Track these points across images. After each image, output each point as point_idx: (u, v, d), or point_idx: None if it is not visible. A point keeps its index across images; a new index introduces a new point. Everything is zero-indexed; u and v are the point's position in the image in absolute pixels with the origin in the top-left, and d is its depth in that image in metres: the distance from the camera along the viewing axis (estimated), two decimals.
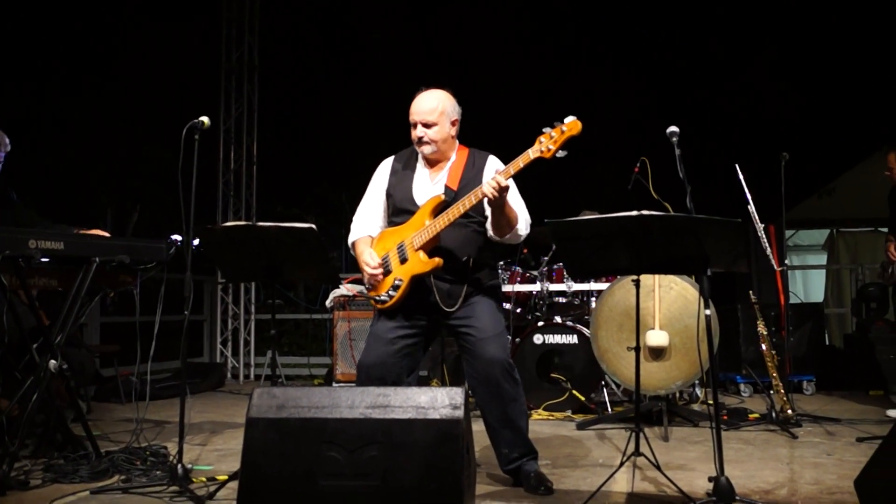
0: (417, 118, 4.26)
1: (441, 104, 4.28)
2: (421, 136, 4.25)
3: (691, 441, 5.76)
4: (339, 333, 8.39)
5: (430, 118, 4.24)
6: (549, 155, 3.82)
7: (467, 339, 4.22)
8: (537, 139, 3.86)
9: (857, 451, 5.27)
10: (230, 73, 11.20)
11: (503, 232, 4.18)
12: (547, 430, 6.30)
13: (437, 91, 4.33)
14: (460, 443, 3.12)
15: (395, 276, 4.16)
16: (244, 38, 11.22)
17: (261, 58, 11.34)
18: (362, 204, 4.51)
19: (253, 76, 11.25)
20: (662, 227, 3.75)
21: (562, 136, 3.80)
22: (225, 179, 11.09)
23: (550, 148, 3.81)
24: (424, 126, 4.24)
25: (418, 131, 4.25)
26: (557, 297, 7.59)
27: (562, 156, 3.82)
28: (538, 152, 3.84)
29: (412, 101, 4.32)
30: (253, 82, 11.26)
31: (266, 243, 4.39)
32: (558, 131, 3.81)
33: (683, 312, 6.15)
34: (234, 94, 11.20)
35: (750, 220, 6.60)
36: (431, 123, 4.24)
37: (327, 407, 3.18)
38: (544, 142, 3.83)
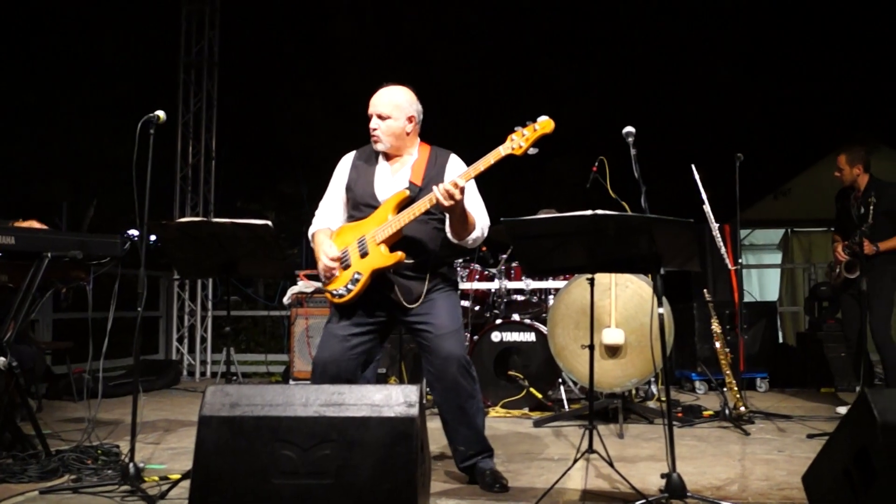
0: (373, 110, 4.27)
1: (398, 99, 4.29)
2: (375, 127, 4.26)
3: (646, 438, 5.81)
4: (296, 330, 8.36)
5: (385, 111, 4.25)
6: (521, 152, 3.84)
7: (425, 336, 4.22)
8: (508, 136, 3.87)
9: (808, 447, 5.35)
10: (189, 66, 11.11)
11: (460, 236, 4.19)
12: (504, 427, 6.32)
13: (398, 87, 4.34)
14: (415, 441, 3.11)
15: (355, 270, 4.14)
16: (204, 31, 11.13)
17: (221, 52, 11.25)
18: (324, 198, 4.50)
19: (213, 70, 11.16)
20: (617, 227, 3.78)
21: (534, 134, 3.82)
22: (183, 174, 11.00)
23: (522, 145, 3.83)
24: (379, 118, 4.25)
25: (372, 123, 4.26)
26: (515, 295, 7.62)
27: (533, 153, 3.85)
28: (509, 149, 3.86)
29: None
30: (213, 76, 11.17)
31: (221, 240, 4.36)
32: (531, 129, 3.83)
33: (639, 311, 6.20)
34: (194, 88, 11.11)
35: (705, 220, 6.67)
36: (386, 116, 4.25)
37: (281, 405, 3.16)
38: (516, 139, 3.85)
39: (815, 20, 14.27)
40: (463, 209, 4.02)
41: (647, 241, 3.77)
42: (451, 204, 3.89)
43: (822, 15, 14.26)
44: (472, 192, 4.25)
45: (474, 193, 4.29)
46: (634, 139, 4.61)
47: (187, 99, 11.11)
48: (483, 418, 4.36)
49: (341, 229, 4.33)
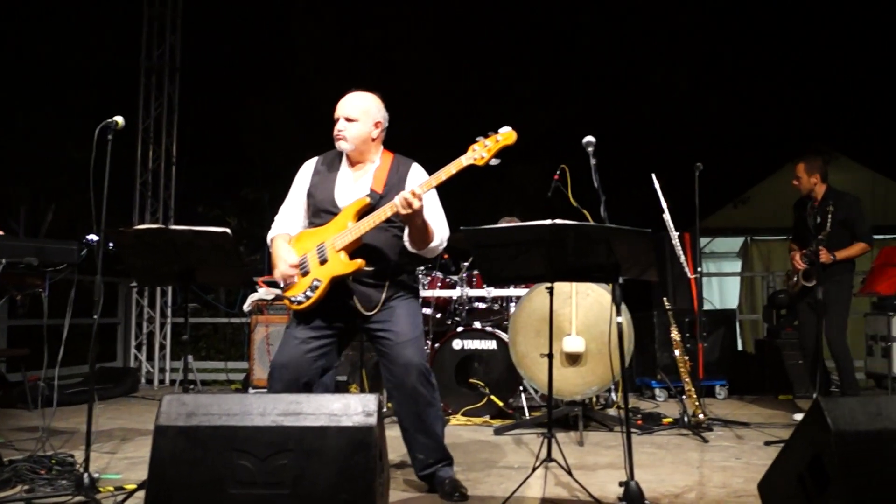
0: (340, 112, 4.27)
1: (367, 104, 4.31)
2: (341, 129, 4.25)
3: (605, 445, 5.84)
4: (256, 338, 8.30)
5: (352, 114, 4.26)
6: (483, 163, 3.85)
7: (384, 343, 4.22)
8: (470, 147, 3.88)
9: (765, 454, 5.40)
10: (150, 71, 11.03)
11: (418, 246, 4.19)
12: (465, 435, 6.32)
13: (366, 93, 4.36)
14: (373, 450, 3.11)
15: (314, 277, 4.12)
16: (165, 36, 11.05)
17: (183, 56, 11.18)
18: (284, 203, 4.49)
19: (174, 75, 11.09)
20: (576, 236, 3.81)
21: (496, 145, 3.84)
22: (143, 180, 10.91)
23: (484, 156, 3.84)
24: (346, 120, 4.25)
25: (339, 125, 4.26)
26: (477, 303, 7.63)
27: (495, 164, 3.86)
28: (471, 160, 3.87)
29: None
30: (174, 81, 11.09)
31: (179, 247, 4.32)
32: (493, 140, 3.84)
33: (599, 319, 6.23)
34: (154, 92, 11.03)
35: (665, 229, 6.72)
36: (353, 119, 4.25)
37: (238, 414, 3.14)
38: (478, 149, 3.86)
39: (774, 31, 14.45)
40: (423, 219, 4.02)
41: (605, 250, 3.79)
42: (410, 213, 3.89)
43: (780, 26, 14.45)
44: (432, 202, 4.25)
45: (435, 203, 4.29)
46: (594, 149, 4.63)
47: (148, 103, 11.03)
48: (442, 426, 4.36)
49: (300, 235, 4.31)
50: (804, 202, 7.00)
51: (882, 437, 3.04)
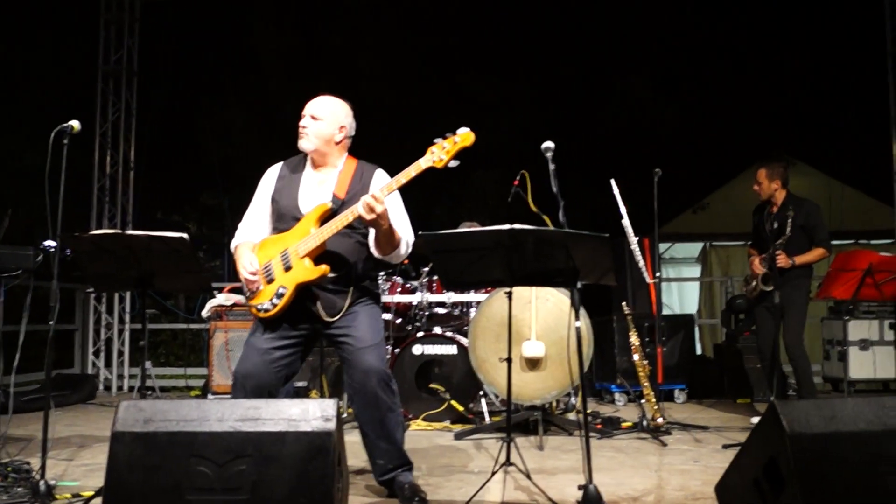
0: (306, 111, 4.28)
1: (334, 107, 4.32)
2: (304, 125, 4.25)
3: (565, 450, 5.87)
4: (215, 344, 8.24)
5: (318, 113, 4.27)
6: (442, 165, 3.85)
7: (346, 349, 4.21)
8: (429, 149, 3.88)
9: (722, 457, 5.44)
10: (108, 75, 10.92)
11: (384, 250, 4.19)
12: (425, 440, 6.33)
13: (337, 98, 4.37)
14: (332, 455, 3.11)
15: (280, 285, 4.10)
16: (123, 40, 10.95)
17: (141, 61, 11.09)
18: (248, 209, 4.46)
19: (132, 80, 10.99)
20: (534, 241, 3.84)
21: (455, 147, 3.84)
22: (100, 185, 10.80)
23: (443, 158, 3.85)
24: (311, 118, 4.26)
25: (303, 121, 4.26)
26: (437, 308, 7.64)
27: (454, 166, 3.87)
28: (430, 162, 3.87)
29: None
30: (131, 86, 11.00)
31: (137, 252, 4.30)
32: (451, 141, 3.84)
33: (559, 323, 6.27)
34: (112, 97, 10.92)
35: (624, 234, 6.78)
36: (318, 118, 4.26)
37: (196, 420, 3.12)
38: (436, 151, 3.86)
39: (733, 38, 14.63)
40: (389, 224, 4.02)
41: (564, 255, 3.82)
42: (373, 217, 3.89)
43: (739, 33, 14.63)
44: (396, 206, 4.26)
45: (399, 208, 4.29)
46: (553, 154, 4.66)
47: (105, 108, 10.92)
48: (403, 432, 4.35)
49: (264, 242, 4.29)
50: (763, 207, 7.08)
51: (836, 440, 3.08)
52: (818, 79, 13.97)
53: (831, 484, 3.03)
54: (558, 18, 14.09)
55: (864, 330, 9.11)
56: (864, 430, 3.13)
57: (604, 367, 8.88)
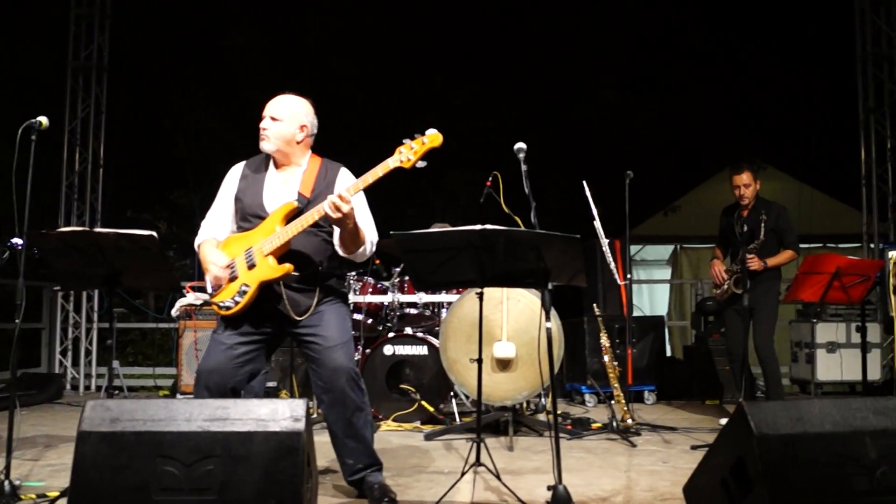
0: (266, 112, 4.27)
1: (293, 106, 4.30)
2: (265, 127, 4.24)
3: (535, 450, 5.89)
4: (184, 343, 8.19)
5: (277, 114, 4.25)
6: (409, 165, 3.85)
7: (313, 348, 4.19)
8: (397, 149, 3.88)
9: (691, 458, 5.48)
10: (77, 71, 10.82)
11: (349, 249, 4.18)
12: (395, 440, 6.33)
13: (296, 96, 4.35)
14: (301, 455, 3.09)
15: (242, 282, 4.08)
16: (94, 36, 10.85)
17: (111, 57, 10.99)
18: (211, 208, 4.44)
19: (102, 76, 10.90)
20: (506, 242, 3.85)
21: (423, 147, 3.84)
22: (69, 182, 10.69)
23: (410, 158, 3.84)
24: (271, 119, 4.24)
25: (263, 123, 4.25)
26: (408, 308, 7.63)
27: (422, 166, 3.87)
28: (398, 162, 3.87)
29: None
30: (102, 82, 10.91)
31: (105, 250, 4.26)
32: (419, 142, 3.84)
33: (530, 324, 6.28)
34: (82, 93, 10.82)
35: (596, 236, 6.81)
36: (277, 118, 4.24)
37: (164, 420, 3.10)
38: (404, 152, 3.86)
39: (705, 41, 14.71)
40: (354, 223, 4.01)
41: (535, 256, 3.84)
42: (340, 216, 3.88)
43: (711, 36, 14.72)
44: (361, 205, 4.25)
45: (363, 207, 4.29)
46: (526, 155, 4.67)
47: (75, 104, 10.82)
48: (372, 431, 4.35)
49: (228, 240, 4.28)
50: (733, 210, 7.11)
51: (803, 441, 3.11)
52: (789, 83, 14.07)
53: (798, 484, 3.06)
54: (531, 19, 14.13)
55: (832, 332, 9.20)
56: (831, 431, 3.16)
57: (574, 368, 8.91)
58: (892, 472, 3.12)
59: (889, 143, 10.67)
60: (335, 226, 4.05)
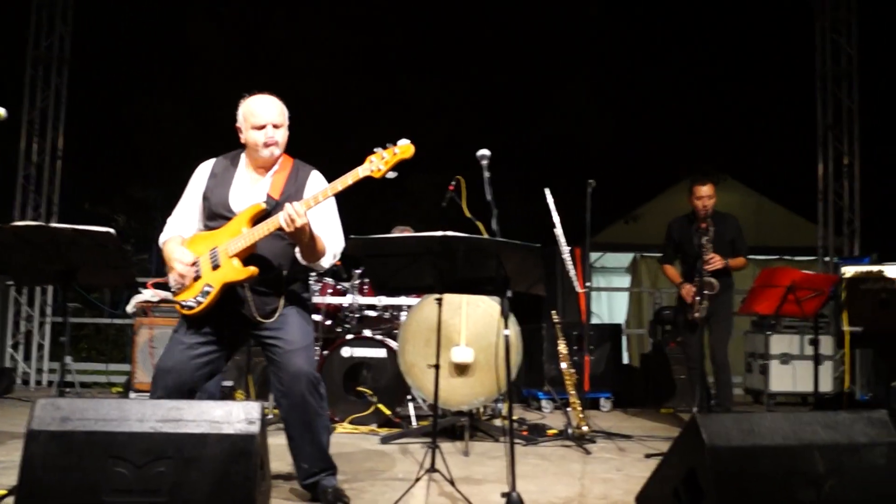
0: (267, 118, 4.18)
1: (284, 109, 4.27)
2: (272, 135, 4.17)
3: (491, 456, 5.88)
4: (139, 340, 8.06)
5: (279, 120, 4.21)
6: (380, 175, 3.83)
7: (274, 351, 4.16)
8: (367, 158, 3.85)
9: (645, 466, 5.50)
10: (38, 61, 10.69)
11: (308, 259, 4.16)
12: (351, 443, 6.29)
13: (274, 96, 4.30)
14: (254, 458, 3.07)
15: (205, 282, 4.04)
16: (55, 26, 10.73)
17: (73, 48, 10.87)
18: (178, 206, 4.38)
19: (62, 67, 10.78)
20: (466, 249, 3.85)
21: (394, 158, 3.82)
22: (26, 174, 10.56)
23: (381, 168, 3.82)
24: (275, 127, 4.19)
25: (269, 132, 4.17)
26: (368, 311, 7.61)
27: (392, 177, 3.85)
28: (368, 171, 3.84)
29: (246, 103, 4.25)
30: (62, 73, 10.78)
31: (61, 246, 4.20)
32: (391, 152, 3.82)
33: (489, 330, 6.29)
34: (41, 84, 10.69)
35: (557, 243, 6.83)
36: (280, 125, 4.21)
37: (116, 420, 3.06)
38: (375, 161, 3.84)
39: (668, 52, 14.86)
40: (309, 235, 3.98)
41: (495, 263, 3.84)
42: (293, 230, 3.86)
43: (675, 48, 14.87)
44: (328, 212, 4.23)
45: (331, 214, 4.26)
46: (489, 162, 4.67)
47: (34, 95, 10.70)
48: (328, 436, 4.32)
49: (193, 238, 4.22)
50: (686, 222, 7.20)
51: (754, 454, 3.16)
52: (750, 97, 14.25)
53: (747, 496, 3.12)
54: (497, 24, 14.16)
55: (786, 344, 9.29)
56: (781, 444, 3.22)
57: (532, 374, 8.92)
58: (840, 486, 3.19)
59: (846, 159, 10.83)
60: (290, 238, 4.02)
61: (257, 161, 4.27)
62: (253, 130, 4.18)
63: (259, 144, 4.18)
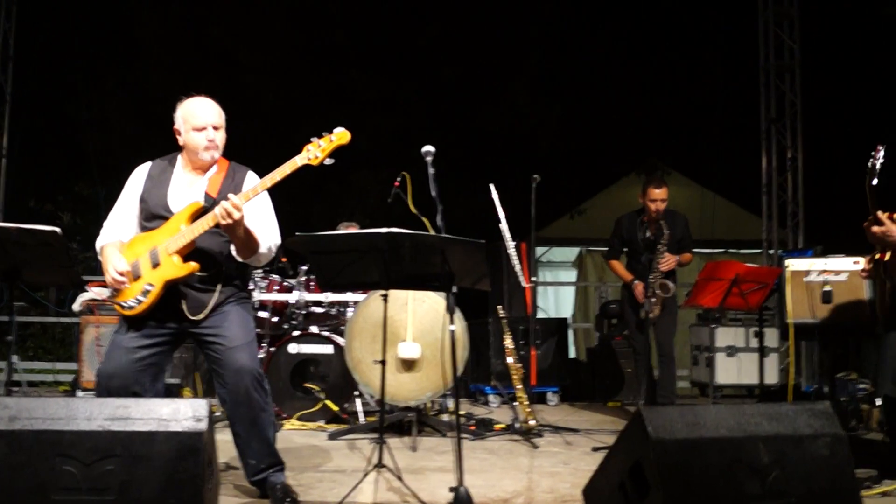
0: (208, 121, 4.21)
1: (220, 110, 4.30)
2: (213, 137, 4.21)
3: (438, 451, 5.97)
4: (86, 339, 8.03)
5: (219, 122, 4.25)
6: (317, 162, 3.91)
7: (215, 349, 4.18)
8: (304, 147, 3.93)
9: (592, 460, 5.61)
10: None
11: (243, 255, 4.18)
12: (298, 440, 6.35)
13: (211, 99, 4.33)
14: (202, 455, 3.12)
15: (146, 282, 4.05)
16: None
17: (17, 45, 10.73)
18: (114, 209, 4.39)
19: (7, 64, 10.62)
20: (411, 245, 3.93)
21: (330, 145, 3.90)
22: None
23: (318, 155, 3.90)
24: (214, 129, 4.22)
25: (209, 133, 4.20)
26: (314, 307, 7.65)
27: (329, 164, 3.92)
28: (305, 159, 3.92)
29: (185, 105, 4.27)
30: (7, 70, 10.62)
31: (5, 244, 4.21)
32: (327, 140, 3.90)
33: (435, 325, 6.39)
34: None
35: (502, 238, 6.94)
36: (219, 126, 4.25)
37: (63, 419, 3.09)
38: (312, 149, 3.92)
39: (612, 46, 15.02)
40: (245, 230, 4.02)
41: (440, 260, 3.92)
42: (230, 223, 3.91)
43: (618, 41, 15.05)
44: (262, 207, 4.28)
45: (265, 209, 4.32)
46: (434, 158, 4.75)
47: None
48: (275, 432, 4.36)
49: (133, 240, 4.23)
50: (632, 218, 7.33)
51: (699, 446, 3.23)
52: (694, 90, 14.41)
53: (693, 488, 3.17)
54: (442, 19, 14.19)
55: (731, 337, 9.45)
56: (725, 436, 3.28)
57: (479, 369, 9.03)
58: (784, 477, 3.25)
59: (789, 152, 11.07)
60: (226, 232, 4.07)
61: (195, 163, 4.30)
62: (193, 132, 4.21)
63: (200, 146, 4.22)
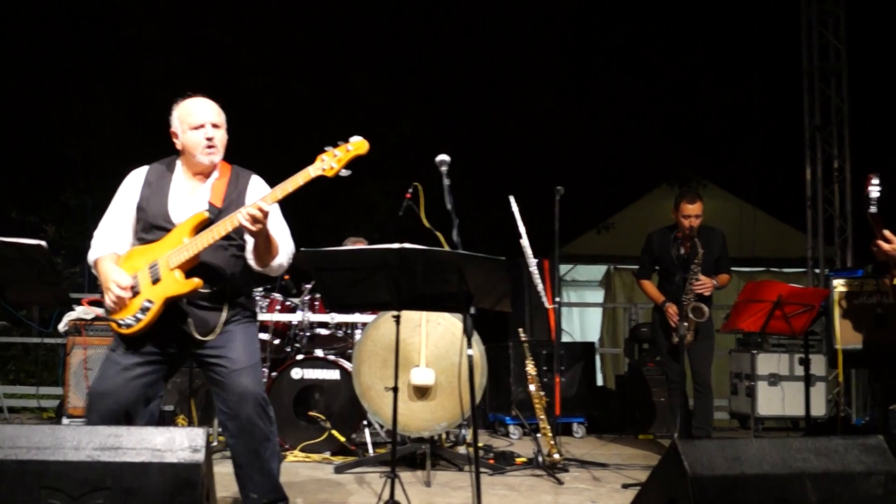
0: (206, 118, 4.22)
1: (221, 110, 4.31)
2: (212, 135, 4.20)
3: (455, 486, 5.95)
4: (72, 361, 8.03)
5: (218, 120, 4.25)
6: (333, 174, 3.90)
7: (218, 371, 4.17)
8: (318, 156, 3.93)
9: (622, 497, 5.60)
10: None
11: (263, 262, 4.19)
12: (303, 472, 6.34)
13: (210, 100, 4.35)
14: (199, 489, 3.11)
15: (145, 298, 4.04)
16: None
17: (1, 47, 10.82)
18: (106, 218, 4.36)
19: None
20: (425, 263, 3.91)
21: (347, 155, 3.90)
22: None
23: (334, 166, 3.89)
24: (214, 127, 4.22)
25: (208, 131, 4.20)
26: (319, 329, 7.63)
27: (345, 175, 3.92)
28: (319, 170, 3.91)
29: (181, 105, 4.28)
30: None
31: None
32: (343, 149, 3.90)
33: (451, 350, 6.35)
34: None
35: (522, 255, 6.91)
36: (219, 125, 4.25)
37: (49, 448, 3.09)
38: (327, 160, 3.91)
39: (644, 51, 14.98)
40: (267, 234, 4.04)
41: (456, 278, 3.91)
42: (258, 228, 3.92)
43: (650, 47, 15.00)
44: (275, 215, 4.28)
45: (277, 217, 4.31)
46: (449, 168, 4.74)
47: None
48: (279, 463, 4.35)
49: (130, 253, 4.22)
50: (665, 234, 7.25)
51: (740, 483, 3.20)
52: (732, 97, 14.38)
53: None
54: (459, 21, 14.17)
55: (774, 364, 9.35)
56: (769, 472, 3.24)
57: (498, 398, 8.98)
58: None
59: (836, 162, 11.01)
60: (249, 238, 4.07)
61: (195, 167, 4.30)
62: (191, 132, 4.21)
63: (199, 146, 4.21)
